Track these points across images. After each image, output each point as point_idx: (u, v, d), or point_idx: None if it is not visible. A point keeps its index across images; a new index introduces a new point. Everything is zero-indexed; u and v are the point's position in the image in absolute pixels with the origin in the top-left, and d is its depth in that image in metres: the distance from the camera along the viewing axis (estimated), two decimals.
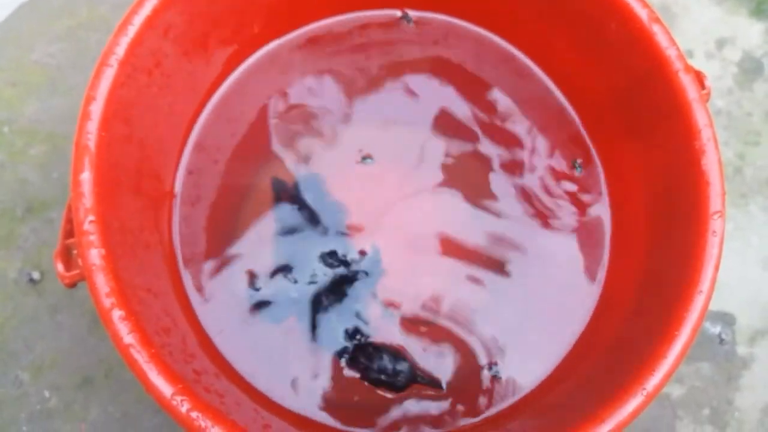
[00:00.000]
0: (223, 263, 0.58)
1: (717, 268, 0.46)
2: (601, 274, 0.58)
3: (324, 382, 0.55)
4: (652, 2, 0.79)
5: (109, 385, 0.64)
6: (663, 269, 0.51)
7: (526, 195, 0.61)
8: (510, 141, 0.63)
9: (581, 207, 0.61)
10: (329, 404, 0.55)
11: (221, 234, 0.58)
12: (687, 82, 0.49)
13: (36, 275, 0.67)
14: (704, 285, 0.45)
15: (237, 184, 0.60)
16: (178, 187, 0.59)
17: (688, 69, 0.50)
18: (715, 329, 0.69)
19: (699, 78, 0.51)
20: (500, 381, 0.56)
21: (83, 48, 0.74)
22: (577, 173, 0.61)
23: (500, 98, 0.64)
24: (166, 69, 0.53)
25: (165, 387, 0.42)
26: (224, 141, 0.61)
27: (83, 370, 0.64)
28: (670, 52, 0.50)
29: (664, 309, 0.47)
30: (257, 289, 0.57)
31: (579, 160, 0.61)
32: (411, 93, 0.64)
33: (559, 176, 0.62)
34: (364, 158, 0.61)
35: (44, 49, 0.74)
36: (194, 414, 0.42)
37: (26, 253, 0.67)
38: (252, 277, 0.58)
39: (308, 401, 0.55)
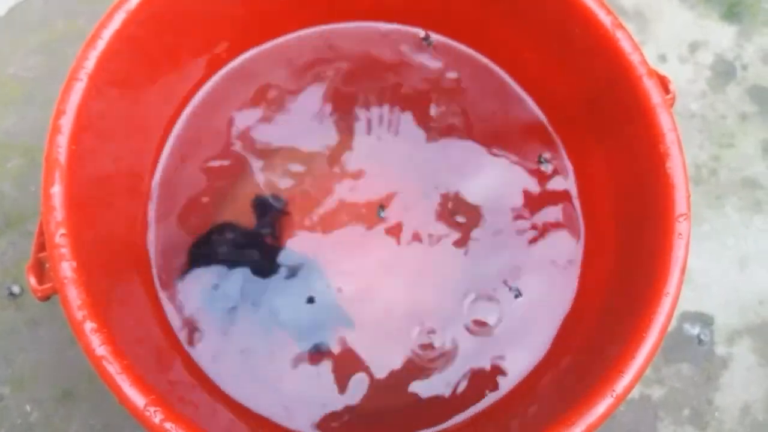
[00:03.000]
0: (199, 274, 0.58)
1: (683, 270, 0.46)
2: (574, 277, 0.59)
3: (301, 390, 0.56)
4: (625, 7, 0.80)
5: (90, 398, 0.64)
6: (631, 271, 0.51)
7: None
8: (482, 148, 0.63)
9: (552, 209, 0.62)
10: (307, 413, 0.55)
11: (196, 245, 0.59)
12: (650, 86, 0.50)
13: (15, 289, 0.67)
14: (671, 287, 0.46)
15: (212, 196, 0.60)
16: (152, 198, 0.59)
17: (652, 74, 0.50)
18: (694, 330, 0.70)
19: (663, 82, 0.51)
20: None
21: (60, 61, 0.74)
22: (543, 168, 0.62)
23: (470, 106, 0.64)
24: (136, 81, 0.53)
25: (138, 398, 0.42)
26: (199, 152, 0.61)
27: (64, 383, 0.64)
28: (634, 58, 0.51)
29: (632, 311, 0.47)
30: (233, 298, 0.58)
31: (546, 155, 0.62)
32: (386, 101, 0.64)
33: (532, 178, 0.62)
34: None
35: (21, 62, 0.74)
36: (168, 425, 0.42)
37: (4, 267, 0.67)
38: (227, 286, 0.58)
39: (286, 411, 0.55)
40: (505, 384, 0.56)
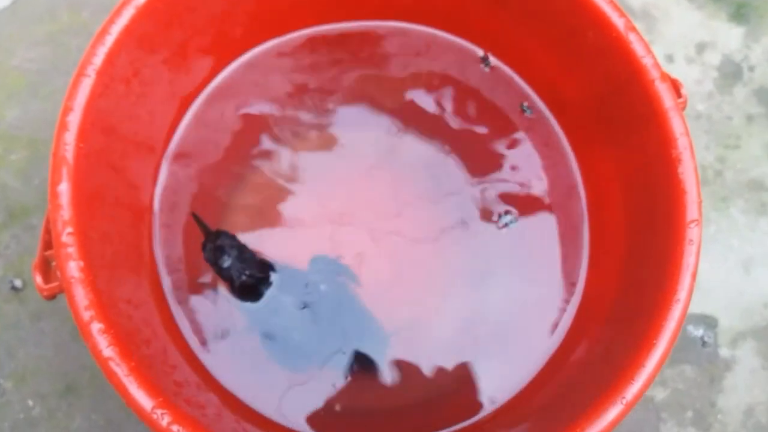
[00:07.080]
0: (204, 273, 0.58)
1: (694, 276, 0.46)
2: (581, 281, 0.59)
3: (307, 391, 0.56)
4: (633, 7, 0.79)
5: (92, 393, 0.64)
6: (641, 276, 0.51)
7: (503, 197, 0.62)
8: (490, 146, 0.63)
9: (557, 211, 0.61)
10: (312, 414, 0.55)
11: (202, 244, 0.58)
12: (663, 90, 0.49)
13: (18, 283, 0.66)
14: (682, 293, 0.45)
15: (218, 194, 0.60)
16: (158, 196, 0.58)
17: (665, 77, 0.50)
18: (698, 332, 0.70)
19: (675, 86, 0.51)
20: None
21: (64, 53, 0.73)
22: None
23: (480, 105, 0.64)
24: (144, 78, 0.53)
25: (145, 400, 0.42)
26: (205, 150, 0.61)
27: (66, 378, 0.64)
28: (646, 61, 0.50)
29: (642, 317, 0.47)
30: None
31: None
32: (399, 103, 0.64)
33: (536, 178, 0.62)
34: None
35: (25, 54, 0.73)
36: (175, 427, 0.42)
37: (8, 261, 0.67)
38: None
39: (291, 412, 0.55)
40: (513, 388, 0.56)
